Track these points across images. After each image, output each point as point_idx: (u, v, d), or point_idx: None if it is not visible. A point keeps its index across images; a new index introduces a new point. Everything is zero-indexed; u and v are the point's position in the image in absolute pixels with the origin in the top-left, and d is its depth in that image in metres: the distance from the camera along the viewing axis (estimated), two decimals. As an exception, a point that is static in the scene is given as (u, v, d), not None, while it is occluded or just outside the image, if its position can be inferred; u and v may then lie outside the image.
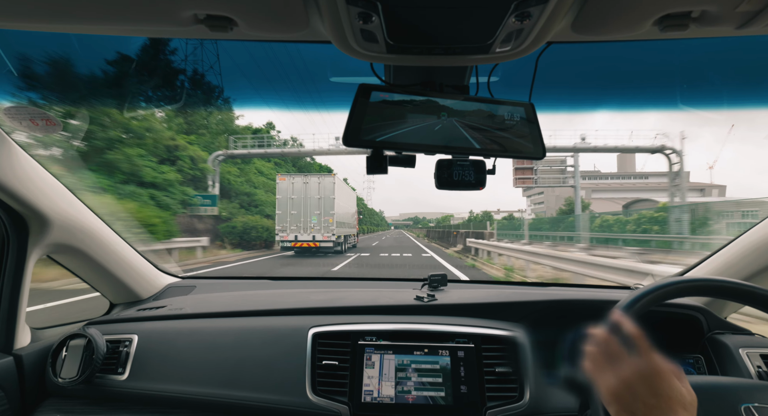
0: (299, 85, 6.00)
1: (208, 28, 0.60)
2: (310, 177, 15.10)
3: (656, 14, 0.56)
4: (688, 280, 0.72)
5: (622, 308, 0.68)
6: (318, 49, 0.76)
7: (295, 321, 1.21)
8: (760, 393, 0.76)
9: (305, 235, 14.31)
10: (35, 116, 1.01)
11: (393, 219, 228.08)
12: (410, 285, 1.65)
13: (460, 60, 0.71)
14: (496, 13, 0.56)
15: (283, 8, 0.57)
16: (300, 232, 14.34)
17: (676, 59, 1.87)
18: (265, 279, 1.89)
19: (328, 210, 14.45)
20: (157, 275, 1.63)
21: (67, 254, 1.24)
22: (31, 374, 1.10)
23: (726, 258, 1.34)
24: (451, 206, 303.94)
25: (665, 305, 1.17)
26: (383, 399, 1.05)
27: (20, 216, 1.06)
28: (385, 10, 0.55)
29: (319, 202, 14.64)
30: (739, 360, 1.14)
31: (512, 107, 0.78)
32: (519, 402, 1.04)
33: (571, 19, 0.60)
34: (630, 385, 0.56)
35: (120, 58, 11.02)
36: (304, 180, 14.89)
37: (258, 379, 1.09)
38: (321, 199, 14.66)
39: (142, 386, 1.11)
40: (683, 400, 0.55)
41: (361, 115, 0.72)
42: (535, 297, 1.31)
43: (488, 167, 0.83)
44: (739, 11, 0.54)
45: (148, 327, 1.24)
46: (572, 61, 1.11)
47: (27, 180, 1.03)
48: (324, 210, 14.48)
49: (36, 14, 0.60)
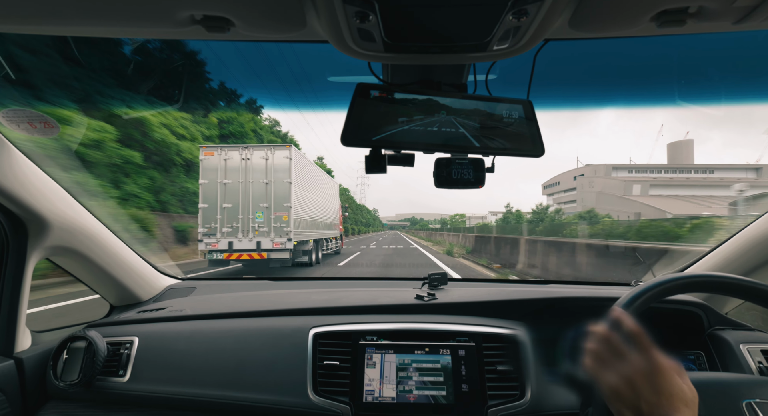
0: (293, 85, 5.69)
1: (205, 28, 0.60)
2: (253, 150, 9.52)
3: (653, 10, 0.56)
4: (688, 277, 0.72)
5: (622, 305, 0.68)
6: (315, 49, 0.76)
7: (295, 322, 1.21)
8: (761, 388, 0.76)
9: (245, 241, 9.18)
10: (33, 119, 1.01)
11: (389, 219, 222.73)
12: (410, 284, 1.65)
13: (457, 58, 0.71)
14: (494, 11, 0.56)
15: (280, 8, 0.57)
16: (237, 236, 9.19)
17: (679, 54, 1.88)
18: (265, 279, 1.89)
19: (281, 203, 9.36)
20: (157, 277, 1.63)
21: (66, 256, 1.24)
22: (32, 377, 1.10)
23: (726, 254, 1.34)
24: (447, 207, 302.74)
25: (666, 301, 1.17)
26: (384, 399, 1.05)
27: (19, 219, 1.06)
28: (382, 8, 0.55)
29: (267, 189, 9.37)
30: (740, 356, 1.14)
31: (510, 105, 0.78)
32: (520, 401, 1.04)
33: (568, 16, 0.60)
34: (631, 383, 0.56)
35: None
36: (244, 155, 9.42)
37: (259, 380, 1.09)
38: (270, 185, 9.38)
39: (143, 388, 1.11)
40: (685, 397, 0.55)
41: (360, 115, 0.72)
42: (535, 294, 1.31)
43: (487, 165, 0.83)
44: (736, 6, 0.54)
45: (149, 329, 1.24)
46: (570, 58, 1.12)
47: (26, 183, 1.03)
48: (275, 203, 9.36)
49: (31, 17, 0.59)
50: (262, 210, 9.40)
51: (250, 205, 9.39)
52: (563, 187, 60.10)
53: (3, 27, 0.63)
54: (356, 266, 12.07)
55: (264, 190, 9.44)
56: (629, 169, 51.51)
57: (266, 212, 9.40)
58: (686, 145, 63.00)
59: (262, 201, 9.40)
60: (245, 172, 9.44)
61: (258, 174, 9.46)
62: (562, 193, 60.12)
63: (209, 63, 5.18)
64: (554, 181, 64.75)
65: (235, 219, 9.30)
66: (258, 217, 9.38)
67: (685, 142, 63.81)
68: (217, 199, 9.30)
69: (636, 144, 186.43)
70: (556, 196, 62.48)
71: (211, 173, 9.39)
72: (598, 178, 49.11)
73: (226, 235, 9.24)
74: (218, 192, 9.33)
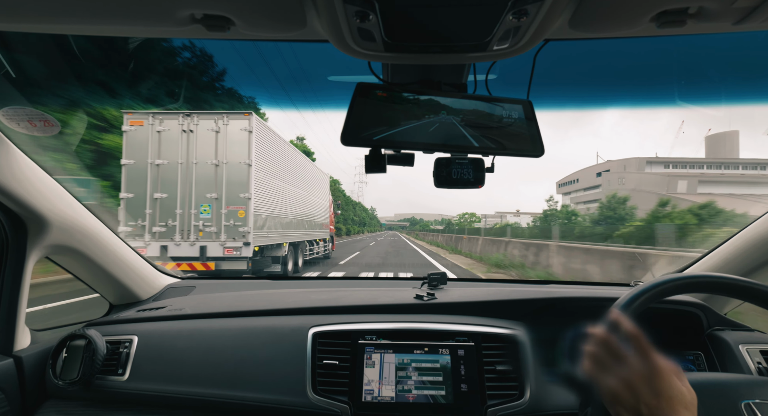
0: (292, 84, 5.47)
1: (205, 28, 0.60)
2: (198, 119, 6.86)
3: (653, 11, 0.56)
4: (687, 277, 0.72)
5: (620, 306, 0.68)
6: (315, 48, 0.76)
7: (295, 321, 1.21)
8: (760, 389, 0.76)
9: (185, 246, 6.66)
10: (33, 117, 1.01)
11: (387, 219, 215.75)
12: (410, 284, 1.65)
13: (457, 58, 0.71)
14: (494, 11, 0.56)
15: (281, 7, 0.57)
16: (174, 239, 6.67)
17: (679, 55, 1.85)
18: (264, 279, 1.89)
19: (236, 193, 6.85)
20: (156, 276, 1.63)
21: (66, 255, 1.24)
22: (31, 376, 1.10)
23: (725, 254, 1.34)
24: (448, 208, 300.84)
25: (665, 302, 1.18)
26: (384, 398, 1.05)
27: (19, 217, 1.06)
28: (382, 8, 0.55)
29: (217, 173, 6.83)
30: (739, 357, 1.14)
31: (510, 105, 0.78)
32: (519, 400, 1.04)
33: (569, 16, 0.60)
34: (631, 386, 0.56)
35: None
36: (186, 125, 6.80)
37: (258, 379, 1.09)
38: (221, 168, 6.83)
39: (143, 387, 1.11)
40: (684, 399, 0.55)
41: (360, 114, 0.72)
42: (534, 295, 1.31)
43: (487, 165, 0.83)
44: (735, 7, 0.54)
45: (148, 327, 1.24)
46: (571, 59, 1.12)
47: (25, 181, 1.02)
48: (227, 192, 6.84)
49: (32, 15, 0.60)
50: (209, 203, 6.76)
51: (192, 195, 6.75)
52: (583, 184, 53.13)
53: (4, 25, 0.63)
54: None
55: (213, 174, 6.77)
56: (666, 164, 45.91)
57: (215, 205, 6.75)
58: (730, 137, 54.79)
59: (210, 190, 6.75)
60: (187, 149, 6.73)
61: (205, 152, 6.74)
62: (581, 192, 53.19)
63: (209, 62, 5.13)
64: (571, 179, 57.89)
65: (172, 216, 6.65)
66: (203, 213, 6.73)
67: (729, 134, 54.79)
68: (147, 187, 6.66)
69: (652, 141, 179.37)
70: (574, 194, 55.40)
71: (139, 150, 6.65)
72: (629, 174, 43.11)
73: (158, 237, 6.63)
74: (148, 176, 6.66)
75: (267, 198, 7.75)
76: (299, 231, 9.80)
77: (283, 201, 8.74)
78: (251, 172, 6.92)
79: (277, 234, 8.35)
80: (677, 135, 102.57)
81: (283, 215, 8.71)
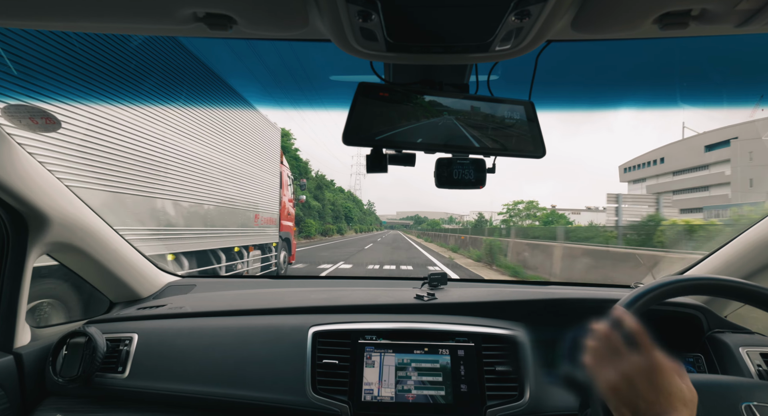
0: (292, 83, 5.31)
1: (207, 26, 0.60)
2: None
3: (656, 12, 0.56)
4: (689, 279, 0.72)
5: (623, 305, 0.68)
6: (317, 48, 0.76)
7: (295, 320, 1.21)
8: (760, 391, 0.76)
9: None
10: (35, 114, 1.01)
11: (389, 217, 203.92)
12: (410, 284, 1.65)
13: (459, 58, 0.71)
14: (496, 12, 0.56)
15: (283, 6, 0.57)
16: None
17: (681, 56, 1.84)
18: (264, 278, 1.90)
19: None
20: (157, 274, 1.63)
21: (66, 252, 1.25)
22: (31, 373, 1.10)
23: (726, 256, 1.34)
24: (453, 207, 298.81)
25: (665, 304, 1.17)
26: (383, 398, 1.05)
27: (20, 214, 1.06)
28: (384, 8, 0.55)
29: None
30: (740, 359, 1.14)
31: (512, 106, 0.78)
32: (519, 401, 1.04)
33: (571, 17, 0.60)
34: (630, 380, 0.56)
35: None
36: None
37: (258, 378, 1.09)
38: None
39: (143, 385, 1.11)
40: (684, 397, 0.55)
41: (361, 114, 0.72)
42: (535, 296, 1.31)
43: (488, 166, 0.83)
44: (738, 9, 0.54)
45: (149, 325, 1.24)
46: (573, 59, 1.11)
47: (26, 178, 1.03)
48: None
49: (34, 12, 0.60)
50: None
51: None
52: (672, 165, 36.77)
53: (7, 22, 0.63)
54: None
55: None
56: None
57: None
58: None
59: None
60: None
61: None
62: (669, 177, 37.62)
63: (208, 61, 5.08)
64: (647, 160, 40.30)
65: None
66: None
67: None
68: None
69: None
70: (652, 181, 39.21)
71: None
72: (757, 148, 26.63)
73: None
74: None
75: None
76: (196, 235, 5.14)
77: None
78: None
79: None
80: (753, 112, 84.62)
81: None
